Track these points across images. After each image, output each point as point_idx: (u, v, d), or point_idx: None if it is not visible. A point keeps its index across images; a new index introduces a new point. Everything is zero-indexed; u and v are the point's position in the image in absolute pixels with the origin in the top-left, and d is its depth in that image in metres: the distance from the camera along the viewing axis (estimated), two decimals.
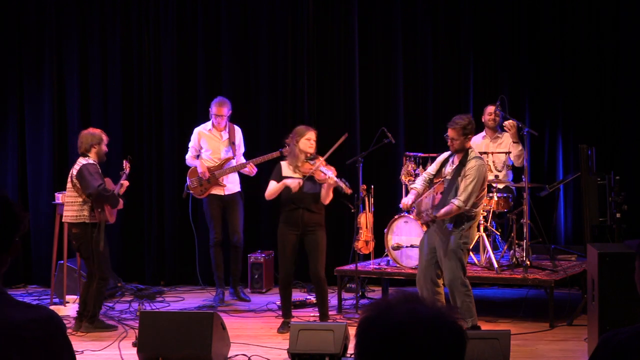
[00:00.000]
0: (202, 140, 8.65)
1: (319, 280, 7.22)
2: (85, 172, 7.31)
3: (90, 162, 7.39)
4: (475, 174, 6.62)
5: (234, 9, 9.89)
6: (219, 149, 8.63)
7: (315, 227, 7.15)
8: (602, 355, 2.29)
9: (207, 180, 8.54)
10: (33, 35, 9.98)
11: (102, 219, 7.34)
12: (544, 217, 8.43)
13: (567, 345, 6.90)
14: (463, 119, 6.73)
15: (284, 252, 7.21)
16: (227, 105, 8.59)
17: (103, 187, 7.28)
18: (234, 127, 8.70)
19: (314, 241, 7.16)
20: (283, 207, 7.22)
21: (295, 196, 7.10)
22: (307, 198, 7.11)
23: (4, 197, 2.22)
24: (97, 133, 7.54)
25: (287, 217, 7.18)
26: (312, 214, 7.13)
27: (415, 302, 1.76)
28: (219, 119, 8.53)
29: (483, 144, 8.72)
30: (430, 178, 6.96)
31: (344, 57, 9.76)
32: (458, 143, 6.69)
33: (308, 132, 7.15)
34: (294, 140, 7.15)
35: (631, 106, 9.20)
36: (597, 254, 5.96)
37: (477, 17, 9.57)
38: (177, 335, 6.07)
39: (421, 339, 1.70)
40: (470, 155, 6.74)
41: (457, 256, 6.65)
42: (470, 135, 6.78)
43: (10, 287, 9.41)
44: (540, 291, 8.21)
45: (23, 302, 2.22)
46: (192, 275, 9.77)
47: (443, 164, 6.92)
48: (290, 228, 7.15)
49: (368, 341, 1.74)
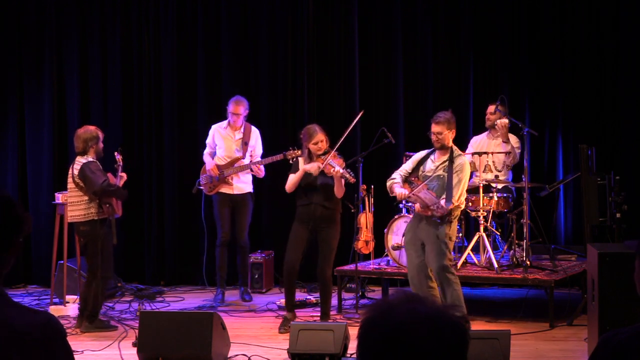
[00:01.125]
0: (216, 137, 8.72)
1: (324, 279, 7.21)
2: (87, 171, 7.33)
3: (89, 160, 7.41)
4: (462, 171, 6.71)
5: (234, 9, 9.89)
6: (231, 148, 8.67)
7: (327, 224, 7.15)
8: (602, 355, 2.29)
9: (216, 178, 8.59)
10: (33, 35, 9.98)
11: (111, 213, 7.40)
12: (544, 217, 8.43)
13: (567, 345, 6.90)
14: (445, 113, 6.82)
15: (292, 241, 7.21)
16: (243, 104, 8.64)
17: (107, 183, 7.33)
18: (251, 128, 8.73)
19: (325, 238, 7.17)
20: (298, 202, 7.25)
21: (308, 191, 7.13)
22: (321, 193, 7.12)
23: (7, 198, 2.21)
24: (93, 131, 7.54)
25: (301, 213, 7.21)
26: (325, 209, 7.13)
27: (417, 301, 1.76)
28: (235, 117, 8.59)
29: (483, 143, 8.72)
30: (406, 176, 6.94)
31: (344, 57, 9.76)
32: (443, 137, 6.72)
33: (316, 135, 7.15)
34: (305, 142, 7.19)
35: (631, 106, 9.20)
36: (597, 254, 5.96)
37: (477, 17, 9.57)
38: (177, 335, 6.07)
39: (422, 338, 1.69)
40: (455, 152, 6.81)
41: (445, 246, 6.70)
42: (454, 129, 6.80)
43: (10, 287, 9.42)
44: (540, 291, 8.20)
45: (23, 305, 2.21)
46: (192, 275, 9.78)
47: (421, 162, 6.93)
48: (303, 223, 7.17)
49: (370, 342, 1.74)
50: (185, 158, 9.82)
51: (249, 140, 8.66)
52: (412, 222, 7.03)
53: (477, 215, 8.13)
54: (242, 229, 8.69)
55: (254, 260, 9.17)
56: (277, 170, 8.65)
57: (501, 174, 8.47)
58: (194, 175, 9.29)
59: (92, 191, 7.34)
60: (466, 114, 9.55)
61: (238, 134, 8.68)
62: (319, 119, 9.57)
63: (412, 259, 6.92)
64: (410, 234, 6.97)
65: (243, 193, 8.70)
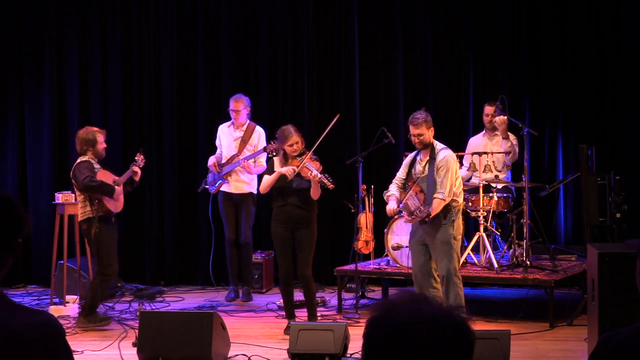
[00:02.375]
0: (221, 136, 8.81)
1: (305, 278, 7.14)
2: (76, 170, 7.49)
3: (84, 159, 7.51)
4: (446, 165, 6.69)
5: (234, 9, 9.89)
6: (230, 146, 8.69)
7: (304, 224, 7.10)
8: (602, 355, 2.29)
9: (218, 176, 8.64)
10: (33, 35, 9.98)
11: (102, 210, 7.43)
12: (544, 217, 8.43)
13: (567, 345, 6.90)
14: (421, 113, 6.80)
15: (279, 249, 7.20)
16: (242, 100, 8.65)
17: (89, 179, 7.39)
18: (254, 127, 8.73)
19: (301, 239, 7.10)
20: (274, 203, 7.22)
21: (284, 193, 7.09)
22: (296, 194, 7.07)
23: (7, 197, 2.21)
24: (92, 132, 7.62)
25: (277, 214, 7.16)
26: (301, 210, 7.09)
27: (421, 302, 1.75)
28: (235, 113, 8.63)
29: (482, 143, 8.72)
30: (403, 183, 6.94)
31: (344, 57, 9.76)
32: (425, 137, 6.72)
33: (291, 137, 7.09)
34: (280, 143, 7.16)
35: (631, 106, 9.20)
36: (597, 254, 5.95)
37: (477, 17, 9.57)
38: (177, 335, 6.07)
39: (424, 339, 1.69)
40: (437, 147, 6.79)
41: (452, 247, 6.69)
42: (432, 127, 6.79)
43: (10, 287, 9.43)
44: (540, 291, 8.20)
45: (22, 306, 2.21)
46: (192, 275, 9.79)
47: (411, 166, 6.93)
48: (281, 225, 7.13)
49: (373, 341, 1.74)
50: (185, 158, 9.82)
51: (248, 139, 8.66)
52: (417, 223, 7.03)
53: (477, 215, 8.13)
54: (242, 229, 8.70)
55: (254, 260, 9.17)
56: None
57: (501, 174, 8.47)
58: (194, 175, 9.30)
59: (78, 189, 7.50)
60: (466, 114, 9.55)
61: (239, 132, 8.70)
62: (319, 119, 9.59)
63: (415, 260, 6.92)
64: (413, 233, 6.97)
65: (243, 193, 8.70)
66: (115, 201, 7.56)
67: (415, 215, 6.73)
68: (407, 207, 6.76)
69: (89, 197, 7.45)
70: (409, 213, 6.76)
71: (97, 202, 7.44)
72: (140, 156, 7.85)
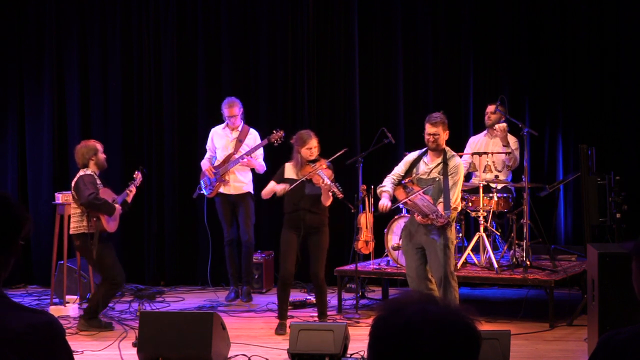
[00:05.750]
0: (215, 139, 8.78)
1: (318, 281, 7.25)
2: (80, 183, 7.38)
3: (87, 172, 7.43)
4: (460, 172, 6.74)
5: (234, 9, 9.89)
6: (227, 147, 8.69)
7: (317, 228, 7.17)
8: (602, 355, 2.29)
9: (214, 180, 8.61)
10: (33, 35, 9.98)
11: (98, 227, 7.35)
12: (544, 217, 8.42)
13: (567, 345, 6.90)
14: (439, 114, 6.81)
15: (284, 252, 7.24)
16: (236, 104, 8.67)
17: (94, 196, 7.30)
18: (248, 129, 8.74)
19: (316, 242, 7.19)
20: (285, 209, 7.25)
21: (296, 198, 7.14)
22: (308, 199, 7.14)
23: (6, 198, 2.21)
24: (91, 145, 7.58)
25: (289, 220, 7.22)
26: (313, 215, 7.15)
27: (428, 302, 1.74)
28: (233, 119, 8.63)
29: (482, 143, 8.71)
30: (400, 179, 6.91)
31: (344, 57, 9.76)
32: (440, 138, 6.73)
33: (310, 140, 7.16)
34: (297, 146, 7.19)
35: (631, 106, 9.20)
36: (597, 254, 5.95)
37: (477, 17, 9.56)
38: (177, 335, 6.07)
39: (429, 339, 1.68)
40: (449, 153, 6.81)
41: (449, 251, 6.71)
42: (448, 131, 6.80)
43: (10, 287, 9.43)
44: (540, 291, 8.20)
45: (23, 306, 2.21)
46: (192, 275, 9.79)
47: (414, 164, 6.89)
48: (293, 230, 7.18)
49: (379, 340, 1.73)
50: (185, 159, 9.82)
51: (244, 139, 8.67)
52: (410, 223, 6.98)
53: (477, 216, 8.13)
54: (244, 228, 8.70)
55: (254, 260, 9.17)
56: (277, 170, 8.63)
57: (501, 174, 8.47)
58: (194, 176, 9.29)
59: (79, 203, 7.38)
60: (466, 114, 9.55)
61: (235, 133, 8.70)
62: (319, 119, 9.60)
63: (410, 262, 6.90)
64: (408, 236, 6.92)
65: (241, 193, 8.70)
66: (113, 221, 7.51)
67: (431, 219, 6.62)
68: (418, 208, 6.68)
69: (87, 213, 7.36)
70: (423, 215, 6.67)
71: (95, 220, 7.36)
72: (139, 175, 7.83)
